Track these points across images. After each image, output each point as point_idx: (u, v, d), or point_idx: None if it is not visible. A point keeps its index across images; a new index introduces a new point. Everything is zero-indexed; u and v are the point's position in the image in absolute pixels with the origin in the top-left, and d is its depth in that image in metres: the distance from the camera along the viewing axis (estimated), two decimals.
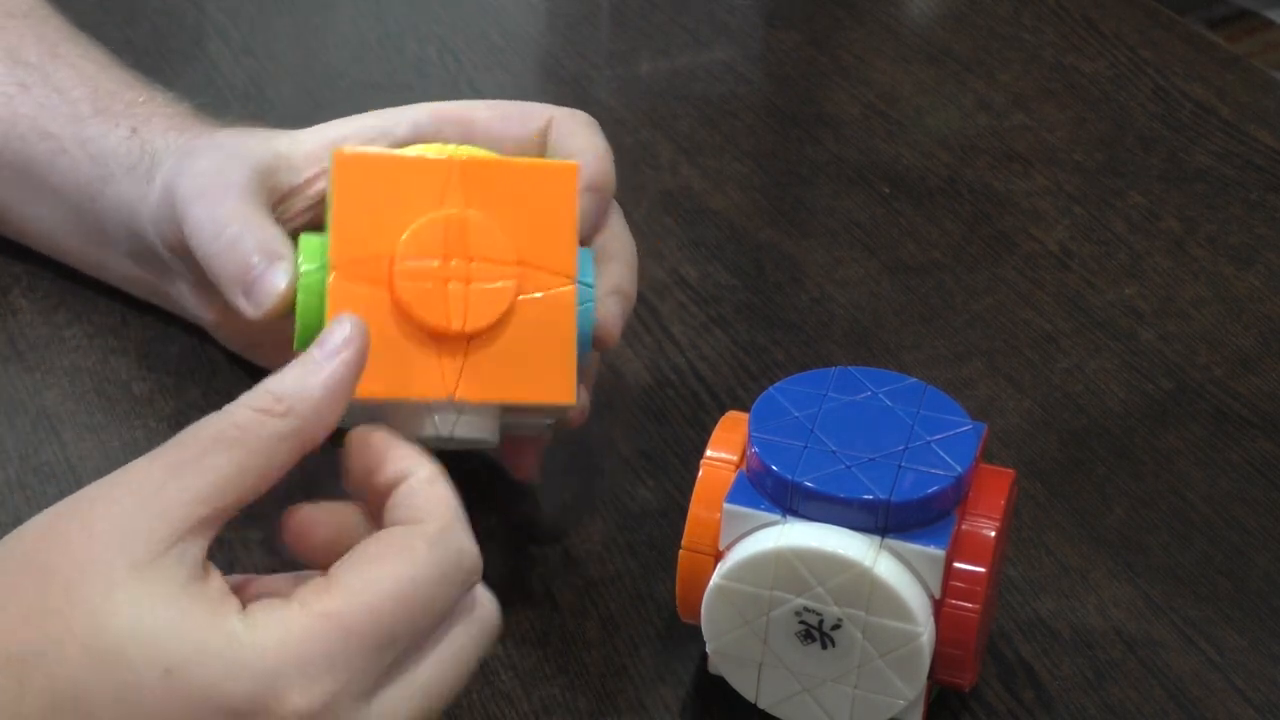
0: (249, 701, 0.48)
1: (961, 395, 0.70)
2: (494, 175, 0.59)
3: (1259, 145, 0.91)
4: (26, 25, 0.77)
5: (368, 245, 0.57)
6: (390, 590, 0.49)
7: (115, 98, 0.73)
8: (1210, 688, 0.62)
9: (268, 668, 0.48)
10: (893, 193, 0.87)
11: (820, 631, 0.56)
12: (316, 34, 0.99)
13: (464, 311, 0.57)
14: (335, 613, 0.49)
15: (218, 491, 0.49)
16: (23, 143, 0.73)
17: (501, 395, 0.58)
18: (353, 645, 0.48)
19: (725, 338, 0.77)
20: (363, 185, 0.58)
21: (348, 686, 0.48)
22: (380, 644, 0.49)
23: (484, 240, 0.58)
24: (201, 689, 0.47)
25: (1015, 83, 0.96)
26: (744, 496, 0.57)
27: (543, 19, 1.05)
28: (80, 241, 0.74)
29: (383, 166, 0.59)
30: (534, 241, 0.58)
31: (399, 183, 0.58)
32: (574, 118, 0.65)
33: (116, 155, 0.71)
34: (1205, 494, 0.70)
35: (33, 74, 0.74)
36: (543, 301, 0.58)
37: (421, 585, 0.49)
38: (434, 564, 0.50)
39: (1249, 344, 0.78)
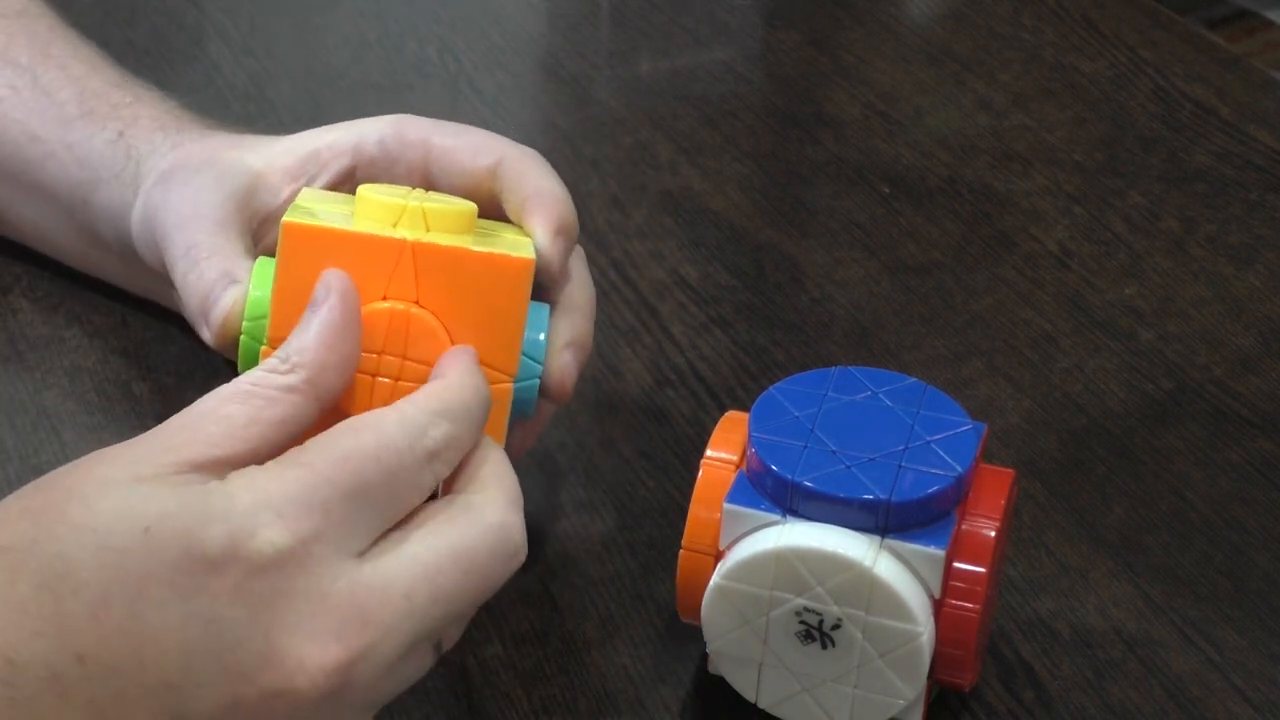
0: (224, 545, 0.48)
1: (961, 395, 0.70)
2: (446, 263, 0.56)
3: (1259, 145, 0.91)
4: (19, 25, 0.77)
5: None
6: (357, 445, 0.51)
7: (102, 99, 0.73)
8: (1210, 687, 0.62)
9: (240, 510, 0.49)
10: (893, 193, 0.87)
11: (820, 631, 0.56)
12: (316, 34, 0.99)
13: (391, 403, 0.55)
14: (306, 462, 0.50)
15: (228, 438, 0.51)
16: (14, 146, 0.74)
17: None
18: (326, 489, 0.49)
19: (725, 338, 0.77)
20: (308, 261, 0.56)
21: (326, 532, 0.49)
22: (353, 493, 0.50)
23: (424, 343, 0.56)
24: (177, 540, 0.48)
25: (1015, 83, 0.96)
26: (744, 496, 0.57)
27: (543, 19, 1.05)
28: (75, 241, 0.75)
29: (332, 242, 0.56)
30: (477, 336, 0.57)
31: (347, 261, 0.56)
32: (524, 158, 0.64)
33: (104, 160, 0.71)
34: (1205, 494, 0.70)
35: (22, 76, 0.75)
36: None
37: (391, 447, 0.51)
38: (403, 432, 0.51)
39: (1249, 344, 0.78)
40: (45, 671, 0.48)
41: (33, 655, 0.48)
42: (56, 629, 0.48)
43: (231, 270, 0.62)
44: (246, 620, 0.49)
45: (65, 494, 0.50)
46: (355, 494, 0.50)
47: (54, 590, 0.48)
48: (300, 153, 0.66)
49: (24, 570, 0.48)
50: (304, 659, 0.49)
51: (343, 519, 0.50)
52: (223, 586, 0.48)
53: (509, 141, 0.64)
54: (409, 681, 0.52)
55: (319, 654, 0.49)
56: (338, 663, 0.49)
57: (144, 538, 0.48)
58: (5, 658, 0.48)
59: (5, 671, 0.47)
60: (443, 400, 0.53)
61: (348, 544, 0.50)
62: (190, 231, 0.63)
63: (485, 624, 0.63)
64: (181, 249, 0.63)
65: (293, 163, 0.66)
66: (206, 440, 0.51)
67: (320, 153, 0.65)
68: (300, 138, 0.67)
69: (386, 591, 0.50)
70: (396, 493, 0.51)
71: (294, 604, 0.49)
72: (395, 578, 0.50)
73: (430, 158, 0.64)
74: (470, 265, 0.57)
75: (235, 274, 0.61)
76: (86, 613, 0.48)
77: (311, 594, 0.49)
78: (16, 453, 0.70)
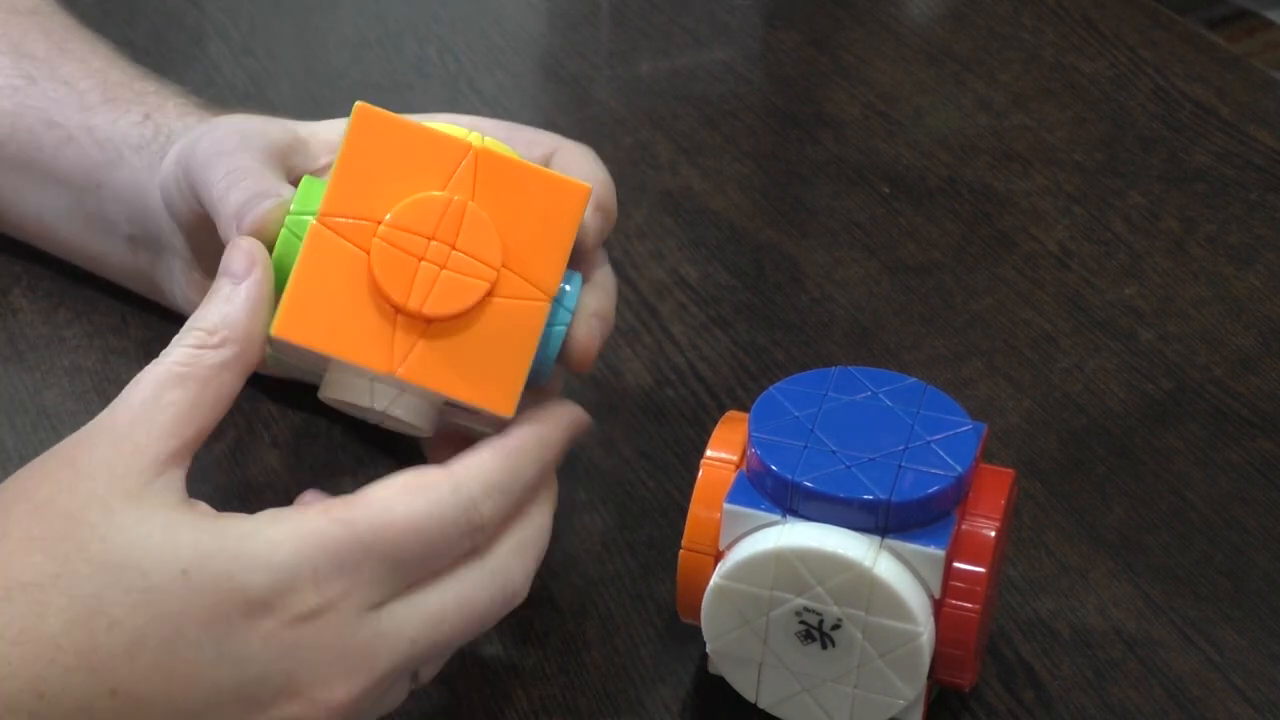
0: (266, 593, 0.51)
1: (961, 395, 0.70)
2: (507, 173, 0.58)
3: (1259, 145, 0.91)
4: (33, 21, 0.77)
5: (361, 205, 0.57)
6: (405, 514, 0.52)
7: (124, 87, 0.74)
8: (1210, 687, 0.62)
9: (283, 561, 0.51)
10: (893, 193, 0.87)
11: (820, 631, 0.56)
12: (316, 34, 0.99)
13: (426, 294, 0.56)
14: (350, 520, 0.52)
15: (180, 425, 0.53)
16: (29, 134, 0.74)
17: (442, 386, 0.57)
18: (361, 553, 0.52)
19: (725, 338, 0.77)
20: (375, 144, 0.58)
21: (354, 592, 0.52)
22: (388, 559, 0.52)
23: (475, 235, 0.57)
24: (216, 584, 0.50)
25: (1015, 83, 0.96)
26: (744, 496, 0.57)
27: (543, 19, 1.05)
28: (80, 231, 0.75)
29: (400, 130, 0.58)
30: (525, 250, 0.58)
31: (412, 151, 0.58)
32: (578, 149, 0.65)
33: (127, 139, 0.71)
34: (1205, 494, 0.70)
35: (40, 68, 0.75)
36: (512, 309, 0.57)
37: (435, 519, 0.53)
38: (455, 503, 0.53)
39: (1249, 344, 0.78)
40: (75, 704, 0.49)
41: (65, 689, 0.49)
42: (90, 665, 0.49)
43: (271, 188, 0.61)
44: (272, 662, 0.51)
45: (71, 524, 0.51)
46: (390, 560, 0.52)
47: (87, 627, 0.50)
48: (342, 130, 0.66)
49: (51, 607, 0.50)
50: (315, 697, 0.51)
51: (372, 579, 0.52)
52: (256, 633, 0.51)
53: (562, 138, 0.66)
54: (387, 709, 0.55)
55: (329, 694, 0.52)
56: (342, 702, 0.52)
57: (182, 579, 0.50)
58: (36, 691, 0.49)
59: (33, 704, 0.49)
60: (503, 473, 0.55)
61: (373, 599, 0.52)
62: (235, 158, 0.63)
63: None
64: (222, 172, 0.62)
65: (334, 138, 0.66)
66: (163, 432, 0.53)
67: None
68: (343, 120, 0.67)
69: (395, 638, 0.53)
70: (432, 558, 0.54)
71: (316, 652, 0.51)
72: (405, 624, 0.53)
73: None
74: (530, 180, 0.58)
75: (275, 190, 0.60)
76: (122, 650, 0.50)
77: (333, 644, 0.52)
78: (16, 453, 0.70)
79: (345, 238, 0.57)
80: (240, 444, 0.70)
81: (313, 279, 0.57)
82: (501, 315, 0.57)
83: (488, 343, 0.57)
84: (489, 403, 0.57)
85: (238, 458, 0.70)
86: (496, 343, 0.57)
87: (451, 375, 0.57)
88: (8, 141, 0.74)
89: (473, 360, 0.57)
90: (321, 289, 0.56)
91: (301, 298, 0.56)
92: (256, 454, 0.70)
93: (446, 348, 0.57)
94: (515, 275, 0.57)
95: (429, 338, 0.57)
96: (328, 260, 0.57)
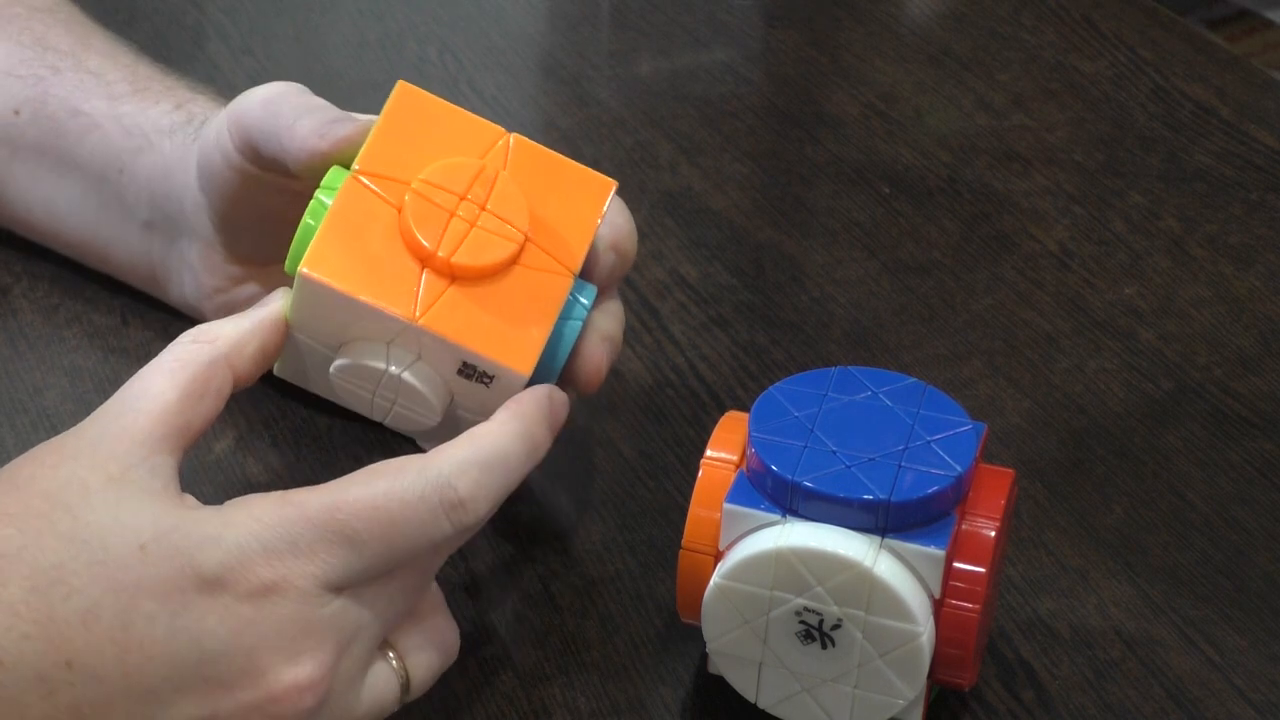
0: (218, 568, 0.51)
1: (961, 395, 0.70)
2: (539, 160, 0.61)
3: (1259, 145, 0.91)
4: (54, 18, 0.78)
5: (397, 166, 0.59)
6: (360, 493, 0.53)
7: (155, 80, 0.75)
8: (1210, 688, 0.62)
9: (235, 538, 0.52)
10: (893, 193, 0.87)
11: (820, 631, 0.56)
12: (316, 34, 0.99)
13: (456, 245, 0.58)
14: (303, 502, 0.53)
15: (167, 414, 0.54)
16: (51, 121, 0.74)
17: (462, 338, 0.58)
18: (313, 531, 0.52)
19: (725, 338, 0.77)
20: (414, 118, 0.60)
21: (308, 569, 0.52)
22: (342, 538, 0.52)
23: (505, 200, 0.59)
24: (173, 558, 0.51)
25: (1015, 83, 0.96)
26: (744, 496, 0.57)
27: (543, 19, 1.05)
28: (91, 219, 0.74)
29: (439, 109, 0.61)
30: (552, 229, 0.60)
31: (449, 129, 0.60)
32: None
33: (158, 125, 0.72)
34: (1205, 494, 0.70)
35: (65, 59, 0.75)
36: (536, 278, 0.59)
37: (395, 498, 0.53)
38: (418, 483, 0.53)
39: (1249, 344, 0.78)
40: (33, 673, 0.50)
41: (21, 656, 0.50)
42: (46, 634, 0.50)
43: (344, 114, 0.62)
44: (230, 638, 0.51)
45: (47, 502, 0.52)
46: (344, 538, 0.52)
47: (46, 595, 0.50)
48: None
49: (14, 576, 0.51)
50: (281, 677, 0.52)
51: (328, 557, 0.52)
52: (211, 607, 0.51)
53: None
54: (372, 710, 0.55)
55: (294, 672, 0.52)
56: (312, 679, 0.52)
57: (139, 554, 0.51)
58: None
59: None
60: (478, 448, 0.55)
61: (332, 577, 0.53)
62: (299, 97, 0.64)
63: (485, 624, 0.63)
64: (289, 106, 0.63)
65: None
66: (149, 420, 0.54)
67: None
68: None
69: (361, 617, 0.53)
70: (397, 543, 0.53)
71: (276, 627, 0.52)
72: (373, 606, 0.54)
73: None
74: (560, 168, 0.61)
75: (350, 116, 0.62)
76: (78, 619, 0.51)
77: (292, 621, 0.52)
78: (17, 452, 0.69)
79: (379, 195, 0.59)
80: (240, 444, 0.70)
81: (344, 227, 0.58)
82: (525, 282, 0.59)
83: (510, 305, 0.58)
84: (507, 358, 0.58)
85: (238, 458, 0.70)
86: (518, 306, 0.58)
87: (472, 330, 0.58)
88: (28, 128, 0.74)
89: (494, 319, 0.58)
90: (352, 237, 0.58)
91: (332, 242, 0.58)
92: (257, 454, 0.70)
93: (469, 304, 0.58)
94: (540, 249, 0.59)
95: (453, 291, 0.58)
96: (360, 211, 0.58)
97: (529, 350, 0.58)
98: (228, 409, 0.57)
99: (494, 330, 0.58)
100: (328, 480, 0.61)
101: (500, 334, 0.58)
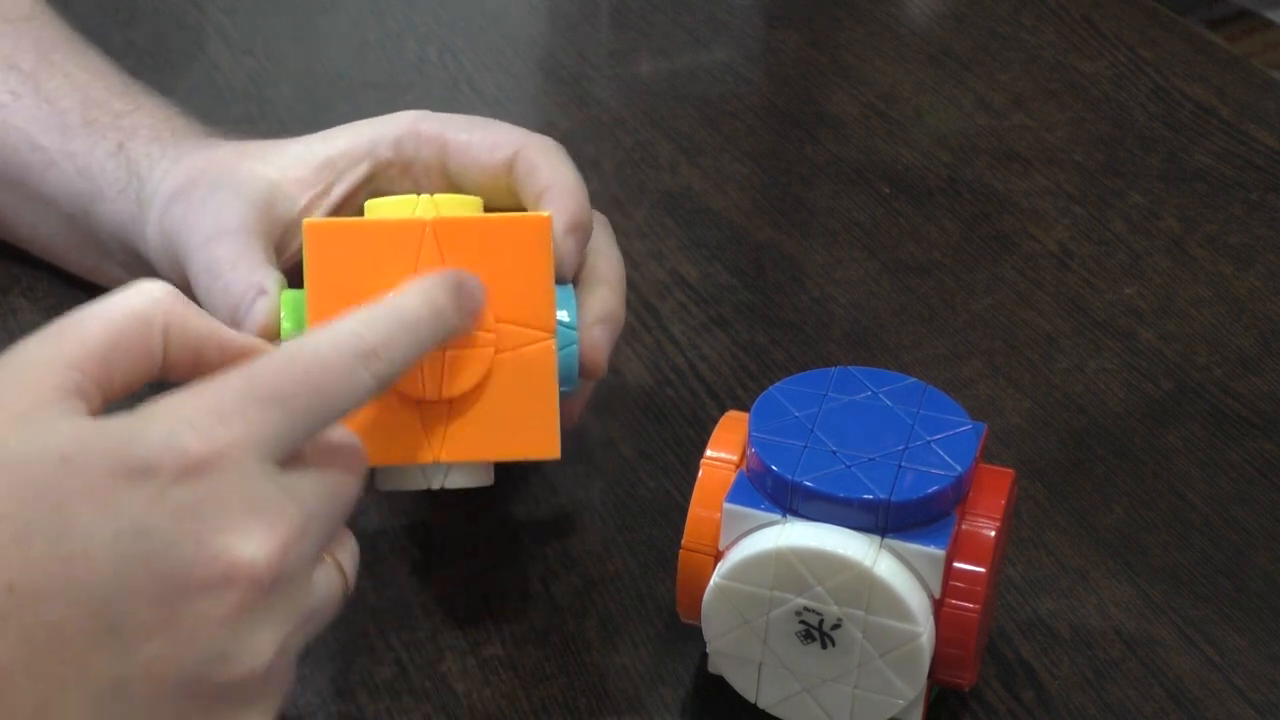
0: (146, 455, 0.49)
1: (961, 395, 0.70)
2: (466, 233, 0.59)
3: (1259, 145, 0.91)
4: (25, 29, 0.77)
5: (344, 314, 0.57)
6: (274, 356, 0.51)
7: (103, 108, 0.73)
8: (1210, 688, 0.62)
9: (160, 426, 0.49)
10: (893, 193, 0.87)
11: (820, 631, 0.56)
12: (316, 34, 0.99)
13: (440, 379, 0.58)
14: (219, 379, 0.50)
15: (88, 357, 0.51)
16: (14, 153, 0.74)
17: (486, 454, 0.59)
18: (236, 399, 0.50)
19: (725, 338, 0.77)
20: (336, 254, 0.58)
21: (243, 439, 0.49)
22: (267, 399, 0.50)
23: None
24: (99, 461, 0.48)
25: (1015, 83, 0.96)
26: (744, 496, 0.57)
27: (543, 19, 1.05)
28: (77, 249, 0.75)
29: (354, 234, 0.59)
30: (510, 297, 0.59)
31: (372, 249, 0.58)
32: (541, 147, 0.65)
33: (104, 174, 0.71)
34: (1205, 494, 0.70)
35: (25, 83, 0.75)
36: (522, 357, 0.59)
37: (308, 353, 0.51)
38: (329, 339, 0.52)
39: (1249, 344, 0.78)
40: None
41: None
42: None
43: (258, 281, 0.62)
44: (172, 527, 0.49)
45: None
46: (271, 400, 0.50)
47: None
48: (313, 162, 0.66)
49: None
50: (234, 552, 0.49)
51: (261, 425, 0.50)
52: (144, 498, 0.48)
53: (525, 132, 0.65)
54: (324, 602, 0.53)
55: (249, 546, 0.49)
56: (268, 555, 0.49)
57: (62, 465, 0.49)
58: None
59: None
60: (380, 305, 0.54)
61: (269, 449, 0.50)
62: (213, 247, 0.63)
63: (485, 624, 0.63)
64: (204, 264, 0.63)
65: (307, 173, 0.66)
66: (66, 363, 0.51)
67: (335, 161, 0.66)
68: (309, 144, 0.67)
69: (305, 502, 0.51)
70: (322, 395, 0.51)
71: (218, 506, 0.49)
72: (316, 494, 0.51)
73: (447, 154, 0.65)
74: (489, 230, 0.59)
75: (263, 285, 0.61)
76: (11, 542, 0.48)
77: (235, 497, 0.49)
78: None
79: None
80: None
81: None
82: (514, 367, 0.59)
83: (511, 398, 0.59)
84: (534, 451, 0.59)
85: None
86: (519, 393, 0.59)
87: (490, 440, 0.59)
88: None
89: (503, 419, 0.59)
90: None
91: None
92: None
93: (475, 418, 0.59)
94: (511, 324, 0.59)
95: (456, 416, 0.59)
96: None
97: (547, 432, 0.59)
98: None
99: (508, 430, 0.59)
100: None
101: (517, 430, 0.59)
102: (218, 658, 0.49)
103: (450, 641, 0.63)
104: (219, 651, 0.49)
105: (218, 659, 0.49)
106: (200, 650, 0.49)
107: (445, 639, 0.63)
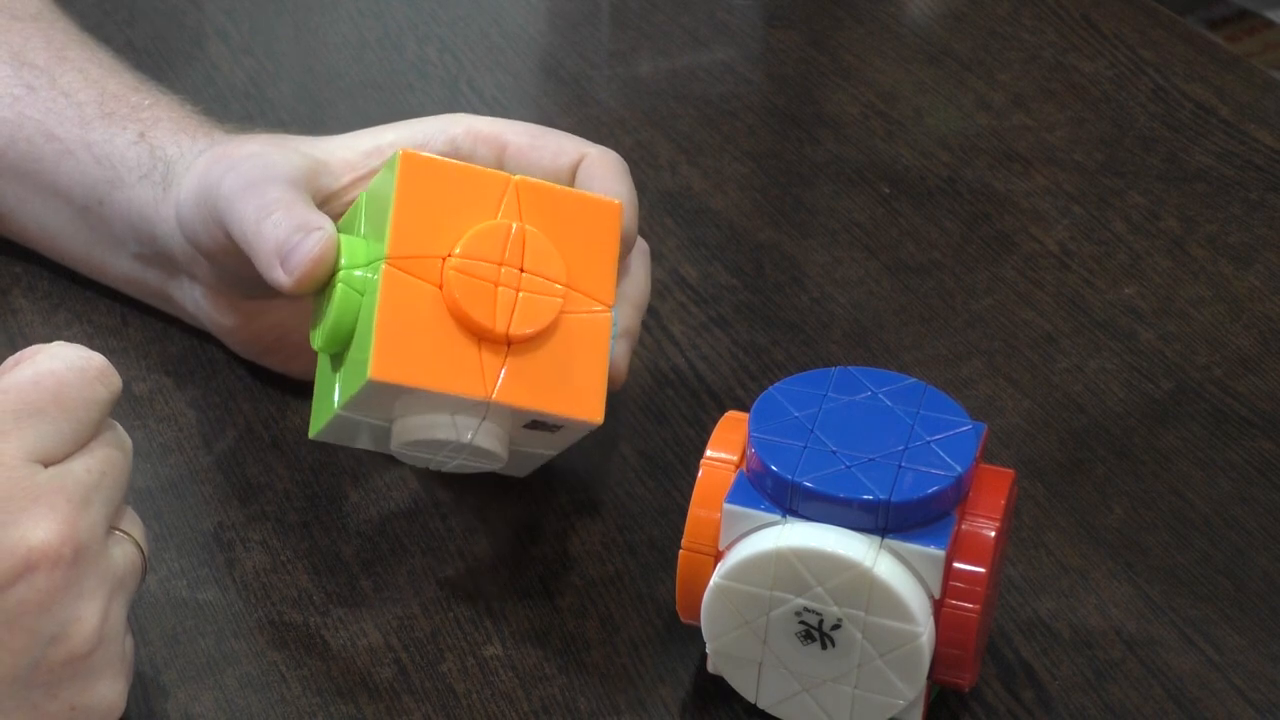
0: None
1: (961, 395, 0.70)
2: (546, 198, 0.61)
3: (1259, 145, 0.91)
4: (35, 28, 0.77)
5: (424, 243, 0.59)
6: (18, 376, 0.54)
7: (121, 101, 0.73)
8: (1210, 688, 0.62)
9: None
10: (893, 193, 0.87)
11: (820, 631, 0.56)
12: (316, 34, 0.99)
13: (510, 316, 0.59)
14: None
15: None
16: (29, 144, 0.73)
17: (536, 403, 0.60)
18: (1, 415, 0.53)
19: (725, 338, 0.77)
20: (424, 186, 0.60)
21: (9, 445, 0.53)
22: (21, 413, 0.53)
23: (539, 256, 0.60)
24: None
25: (1015, 83, 0.96)
26: (744, 496, 0.57)
27: (543, 19, 1.05)
28: (84, 243, 0.74)
29: (445, 172, 0.61)
30: (580, 267, 0.61)
31: (459, 189, 0.60)
32: (605, 159, 0.66)
33: (125, 160, 0.71)
34: (1205, 494, 0.70)
35: (40, 76, 0.75)
36: (583, 322, 0.61)
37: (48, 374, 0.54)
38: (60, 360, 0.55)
39: (1249, 344, 0.78)
40: None
41: None
42: None
43: (310, 220, 0.62)
44: None
45: None
46: (24, 414, 0.53)
47: None
48: (360, 148, 0.67)
49: None
50: (28, 537, 0.52)
51: (20, 431, 0.53)
52: None
53: (588, 142, 0.66)
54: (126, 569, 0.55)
55: (38, 530, 0.52)
56: (60, 533, 0.52)
57: None
58: None
59: None
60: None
61: (32, 448, 0.53)
62: (263, 189, 0.64)
63: (485, 624, 0.63)
64: (253, 206, 0.63)
65: (353, 156, 0.67)
66: None
67: (383, 150, 0.66)
68: (356, 136, 0.68)
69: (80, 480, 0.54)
70: (71, 404, 0.54)
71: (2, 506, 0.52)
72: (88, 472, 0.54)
73: (506, 155, 0.66)
74: (567, 201, 0.62)
75: (313, 223, 0.62)
76: None
77: (12, 489, 0.52)
78: None
79: (417, 276, 0.59)
80: (240, 444, 0.70)
81: (396, 320, 0.59)
82: (574, 329, 0.60)
83: (565, 357, 0.60)
84: (582, 411, 0.60)
85: (238, 458, 0.70)
86: (575, 354, 0.60)
87: (540, 392, 0.60)
88: (8, 150, 0.74)
89: (556, 375, 0.60)
90: (406, 328, 0.59)
91: (391, 340, 0.59)
92: (256, 454, 0.70)
93: (531, 367, 0.60)
94: (577, 292, 0.61)
95: (512, 359, 0.60)
96: (406, 300, 0.59)
97: (595, 397, 0.60)
98: (228, 408, 0.57)
99: (559, 386, 0.60)
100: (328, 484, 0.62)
101: (565, 388, 0.60)
102: (49, 640, 0.52)
103: (450, 641, 0.63)
104: (48, 634, 0.52)
105: (49, 641, 0.52)
106: (30, 638, 0.52)
107: (445, 639, 0.63)
